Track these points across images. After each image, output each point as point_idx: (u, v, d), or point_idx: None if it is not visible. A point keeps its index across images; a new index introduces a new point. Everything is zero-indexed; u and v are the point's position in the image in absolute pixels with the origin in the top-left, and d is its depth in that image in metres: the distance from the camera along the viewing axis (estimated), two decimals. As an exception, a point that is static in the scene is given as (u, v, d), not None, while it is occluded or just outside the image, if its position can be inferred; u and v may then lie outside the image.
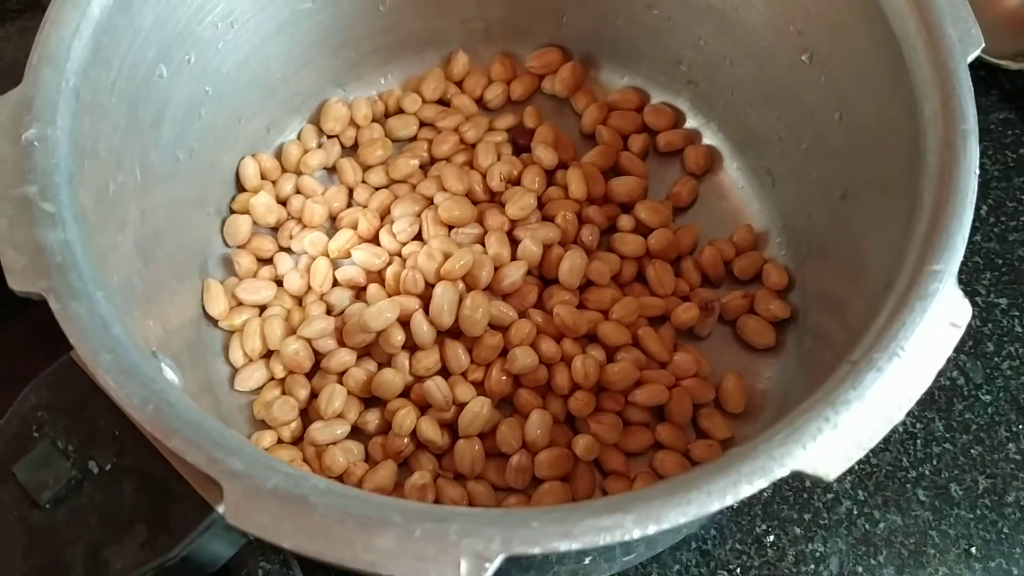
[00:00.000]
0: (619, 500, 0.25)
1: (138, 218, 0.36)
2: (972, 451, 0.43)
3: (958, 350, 0.45)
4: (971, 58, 0.32)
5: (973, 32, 0.32)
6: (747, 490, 0.25)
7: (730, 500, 0.25)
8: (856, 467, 0.42)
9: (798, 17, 0.39)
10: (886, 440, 0.43)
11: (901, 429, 0.43)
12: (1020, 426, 0.43)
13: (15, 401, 0.29)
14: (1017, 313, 0.46)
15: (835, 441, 0.26)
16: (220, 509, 0.27)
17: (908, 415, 0.43)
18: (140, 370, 0.27)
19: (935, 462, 0.43)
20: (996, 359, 0.45)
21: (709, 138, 0.49)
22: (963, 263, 0.47)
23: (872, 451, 0.42)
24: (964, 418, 0.44)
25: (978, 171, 0.30)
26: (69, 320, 0.27)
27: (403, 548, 0.24)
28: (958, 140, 0.30)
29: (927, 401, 0.44)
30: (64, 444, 0.28)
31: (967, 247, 0.47)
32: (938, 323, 0.27)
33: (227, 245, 0.45)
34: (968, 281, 0.47)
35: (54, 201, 0.29)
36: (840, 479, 0.42)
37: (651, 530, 0.25)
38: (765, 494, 0.42)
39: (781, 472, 0.25)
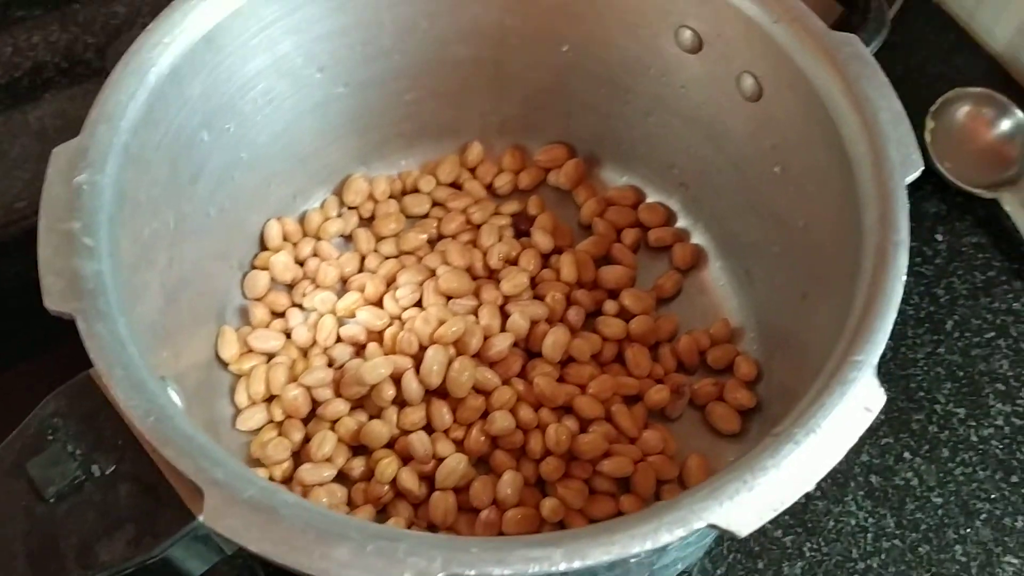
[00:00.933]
0: (552, 536, 0.29)
1: (167, 263, 0.41)
2: (920, 549, 0.45)
3: (914, 453, 0.48)
4: (910, 179, 0.35)
5: (913, 157, 0.36)
6: (666, 537, 0.28)
7: (650, 545, 0.28)
8: (808, 554, 0.45)
9: (773, 133, 0.43)
10: (838, 531, 0.45)
11: (854, 522, 0.46)
12: (968, 530, 0.45)
13: (36, 407, 0.33)
14: (973, 423, 0.49)
15: (750, 502, 0.29)
16: (201, 518, 0.30)
17: (861, 509, 0.45)
18: (146, 387, 0.31)
19: (883, 556, 0.45)
20: (950, 464, 0.47)
21: (697, 237, 0.52)
22: (926, 372, 0.50)
23: (824, 540, 0.45)
24: (915, 517, 0.46)
25: (904, 277, 0.33)
26: (92, 338, 0.32)
27: (355, 560, 0.28)
28: (890, 249, 0.34)
29: (881, 498, 0.46)
30: (73, 448, 0.32)
31: (931, 358, 0.51)
32: (854, 407, 0.31)
33: (245, 297, 0.50)
34: (929, 389, 0.49)
35: (94, 237, 0.34)
36: (791, 566, 0.44)
37: (576, 565, 0.28)
38: (720, 570, 0.44)
39: (699, 524, 0.28)
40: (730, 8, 0.41)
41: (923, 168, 0.36)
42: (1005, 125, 0.57)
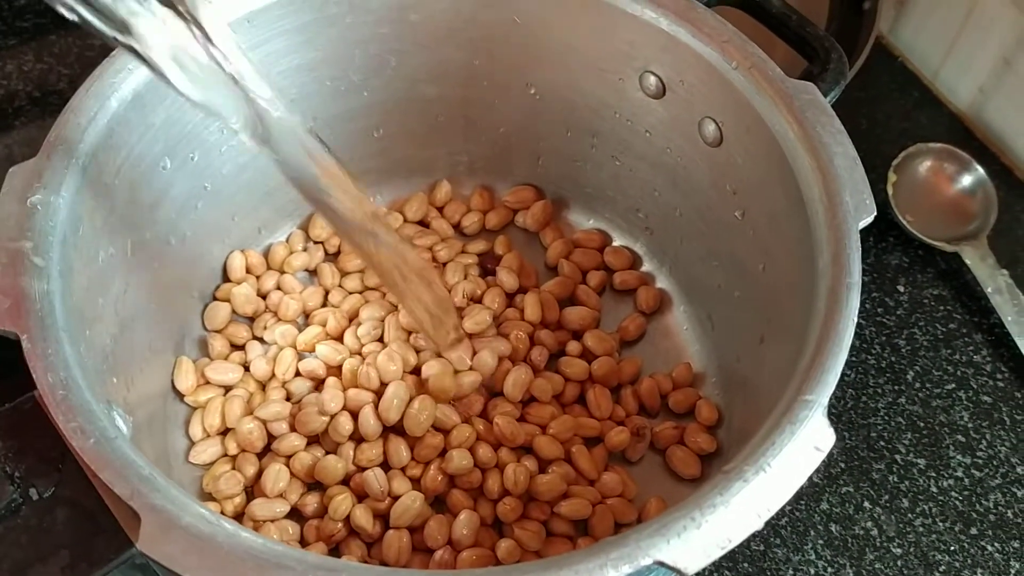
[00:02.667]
0: (496, 571, 0.28)
1: (122, 289, 0.40)
2: (878, 600, 0.44)
3: (874, 503, 0.47)
4: (864, 224, 0.36)
5: (867, 202, 0.36)
6: (612, 574, 0.28)
7: (594, 581, 0.28)
8: (765, 602, 0.44)
9: (733, 178, 0.44)
10: (797, 580, 0.45)
11: (813, 572, 0.45)
12: (927, 581, 0.45)
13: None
14: (933, 474, 0.48)
15: (698, 539, 0.28)
16: (139, 546, 0.30)
17: (820, 559, 0.45)
18: (89, 408, 0.31)
19: (841, 606, 0.44)
20: (910, 515, 0.47)
21: (661, 282, 0.53)
22: (886, 422, 0.50)
23: (782, 590, 0.44)
24: (874, 568, 0.45)
25: (856, 318, 0.33)
26: (36, 358, 0.31)
27: (292, 590, 0.27)
28: (843, 291, 0.34)
29: (840, 547, 0.46)
30: (12, 470, 0.31)
31: (892, 408, 0.51)
32: (804, 446, 0.30)
33: (205, 328, 0.49)
34: (889, 439, 0.49)
35: (44, 257, 0.34)
36: (748, 613, 0.44)
37: (517, 599, 0.27)
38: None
39: (645, 561, 0.28)
40: (691, 54, 0.42)
41: (876, 213, 0.36)
42: (966, 181, 0.58)
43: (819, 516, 0.47)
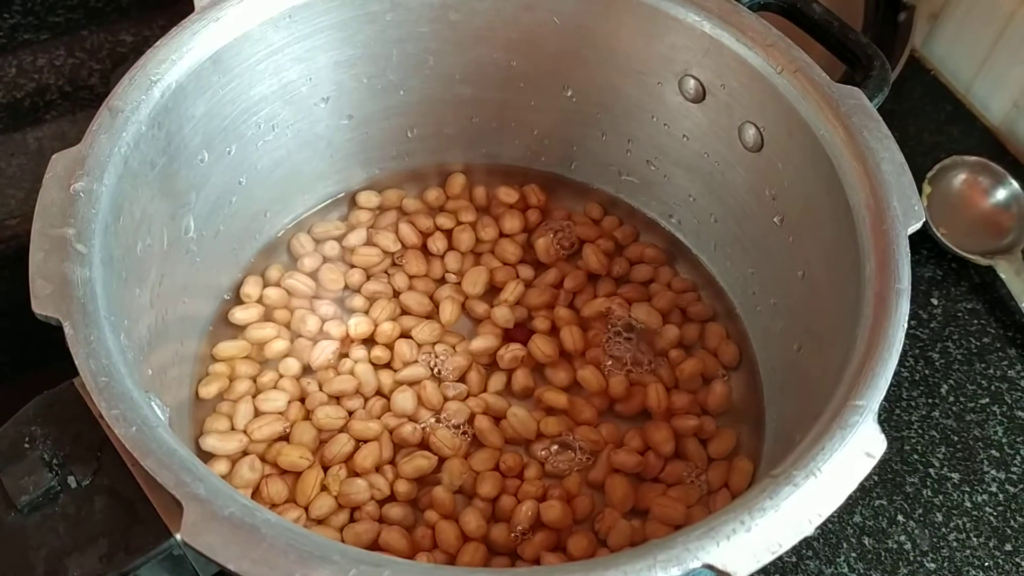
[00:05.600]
0: (540, 570, 0.28)
1: (157, 280, 0.40)
2: (912, 614, 0.44)
3: (908, 516, 0.47)
4: (912, 230, 0.35)
5: (916, 207, 0.36)
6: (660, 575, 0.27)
7: (642, 583, 0.27)
8: (797, 615, 0.44)
9: (774, 184, 0.43)
10: (829, 593, 0.44)
11: (845, 584, 0.45)
12: (961, 597, 0.44)
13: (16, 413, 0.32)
14: (968, 489, 0.48)
15: (747, 543, 0.28)
16: (178, 536, 0.29)
17: (853, 572, 0.44)
18: (130, 396, 0.30)
19: (874, 620, 0.44)
20: (944, 530, 0.46)
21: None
22: (920, 436, 0.49)
23: (815, 603, 0.43)
24: (908, 582, 0.45)
25: (906, 324, 0.33)
26: (78, 344, 0.31)
27: (336, 584, 0.26)
28: (891, 297, 0.33)
29: (873, 561, 0.45)
30: (50, 457, 0.31)
31: (925, 422, 0.50)
32: (855, 451, 0.30)
33: (232, 324, 0.49)
34: (923, 453, 0.49)
35: (87, 244, 0.33)
36: (781, 626, 0.43)
37: (564, 599, 0.27)
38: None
39: (694, 563, 0.27)
40: (734, 58, 0.42)
41: (924, 219, 0.36)
42: (1000, 194, 0.57)
43: (852, 529, 0.46)
